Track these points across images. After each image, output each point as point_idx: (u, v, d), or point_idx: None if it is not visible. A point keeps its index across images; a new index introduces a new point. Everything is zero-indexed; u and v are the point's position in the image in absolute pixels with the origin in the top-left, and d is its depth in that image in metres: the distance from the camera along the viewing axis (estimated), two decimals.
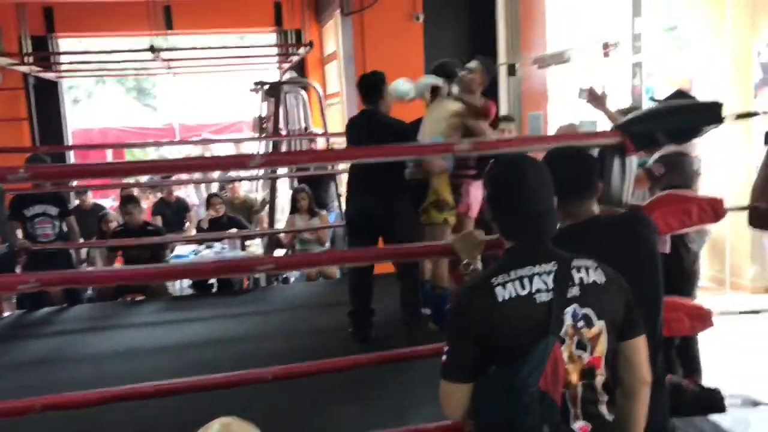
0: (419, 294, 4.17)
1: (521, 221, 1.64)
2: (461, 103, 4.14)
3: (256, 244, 6.78)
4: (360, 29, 7.05)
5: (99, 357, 4.33)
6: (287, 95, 7.72)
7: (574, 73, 6.37)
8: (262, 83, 7.71)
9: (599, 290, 1.60)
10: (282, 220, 7.32)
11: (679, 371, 3.37)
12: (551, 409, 1.50)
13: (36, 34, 8.81)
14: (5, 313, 5.56)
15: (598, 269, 1.62)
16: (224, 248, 6.53)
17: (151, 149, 13.76)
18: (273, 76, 9.45)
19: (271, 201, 6.97)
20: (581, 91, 3.05)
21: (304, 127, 7.91)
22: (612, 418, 1.62)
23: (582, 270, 1.60)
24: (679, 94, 3.62)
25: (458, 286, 4.24)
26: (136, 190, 7.66)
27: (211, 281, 6.19)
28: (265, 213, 7.19)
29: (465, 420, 1.63)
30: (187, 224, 7.65)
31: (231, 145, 10.65)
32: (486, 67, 4.31)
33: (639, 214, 2.21)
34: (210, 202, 6.77)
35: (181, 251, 6.63)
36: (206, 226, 6.64)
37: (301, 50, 7.90)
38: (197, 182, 8.67)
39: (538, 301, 1.54)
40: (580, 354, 1.56)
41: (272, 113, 7.26)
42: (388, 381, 3.38)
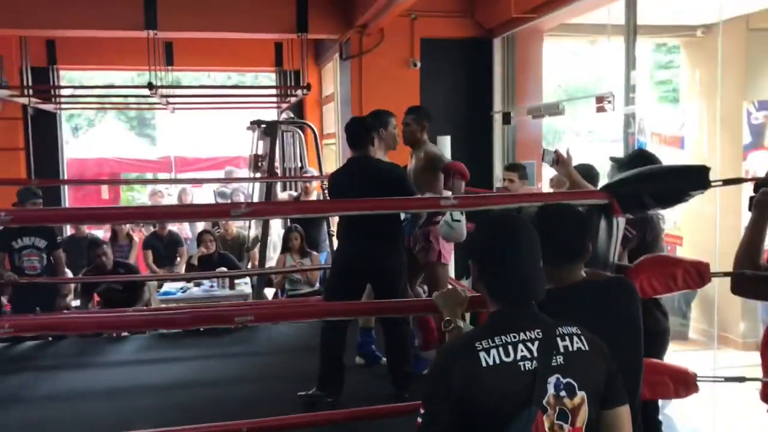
0: (409, 351, 3.92)
1: (509, 284, 1.61)
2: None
3: (246, 283, 6.74)
4: (358, 73, 7.14)
5: (77, 396, 4.24)
6: (284, 134, 7.77)
7: (569, 122, 6.44)
8: (258, 122, 7.75)
9: (582, 358, 1.57)
10: (274, 258, 7.30)
11: None
12: None
13: (38, 66, 8.90)
14: None
15: (582, 337, 1.60)
16: (213, 286, 6.51)
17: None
18: (271, 114, 9.52)
19: (263, 239, 6.96)
20: (546, 152, 2.88)
21: (299, 166, 7.94)
22: None
23: (566, 338, 1.58)
24: (641, 155, 3.39)
25: (428, 340, 4.23)
26: (127, 225, 7.61)
27: None
28: (256, 250, 7.17)
29: None
30: (179, 259, 7.61)
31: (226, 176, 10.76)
32: (417, 116, 4.29)
33: (622, 279, 2.16)
34: (201, 239, 6.76)
35: (169, 287, 6.60)
36: (196, 263, 6.63)
37: (299, 92, 7.99)
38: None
39: (523, 369, 1.51)
40: (561, 424, 1.53)
41: (267, 152, 7.29)
42: None
